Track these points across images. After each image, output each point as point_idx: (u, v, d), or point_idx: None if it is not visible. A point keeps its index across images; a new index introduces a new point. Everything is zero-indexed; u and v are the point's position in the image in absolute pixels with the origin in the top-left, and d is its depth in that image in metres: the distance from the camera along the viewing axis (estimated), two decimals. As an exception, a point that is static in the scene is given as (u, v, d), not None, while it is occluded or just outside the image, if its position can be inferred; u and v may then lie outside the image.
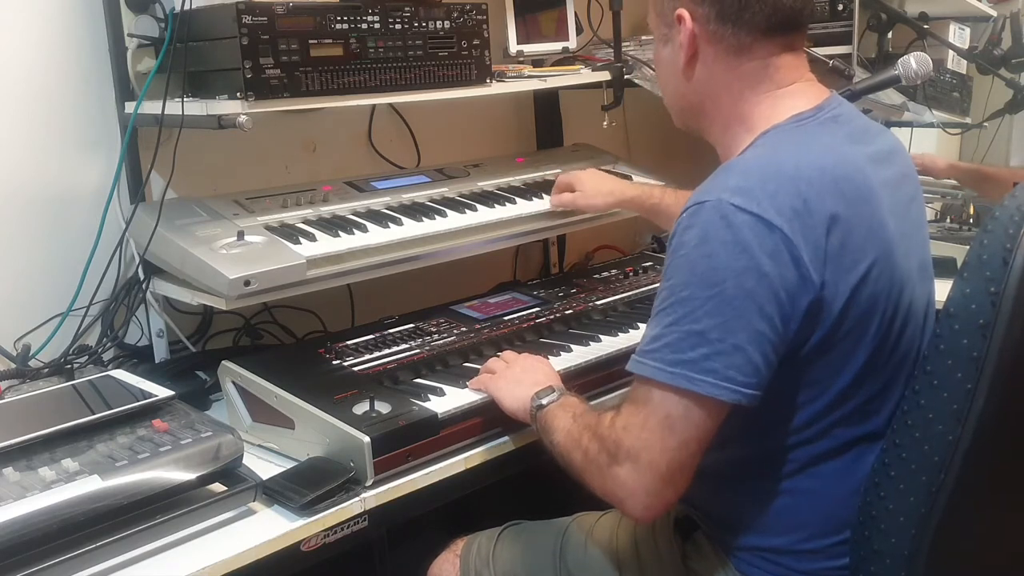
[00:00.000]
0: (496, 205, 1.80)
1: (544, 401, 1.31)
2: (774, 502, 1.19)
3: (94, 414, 1.26)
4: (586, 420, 1.21)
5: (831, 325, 1.08)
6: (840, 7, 2.21)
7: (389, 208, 1.72)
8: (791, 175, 1.08)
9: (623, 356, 1.57)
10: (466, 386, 1.44)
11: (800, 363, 1.10)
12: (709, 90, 1.22)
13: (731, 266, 1.04)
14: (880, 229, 1.13)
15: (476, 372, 1.47)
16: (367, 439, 1.25)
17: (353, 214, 1.67)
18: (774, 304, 1.04)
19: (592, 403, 1.34)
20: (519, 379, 1.38)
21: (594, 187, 1.83)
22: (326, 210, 1.67)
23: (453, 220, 1.70)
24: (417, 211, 1.70)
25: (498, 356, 1.50)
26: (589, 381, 1.52)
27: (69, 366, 1.61)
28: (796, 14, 1.18)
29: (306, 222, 1.61)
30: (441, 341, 1.62)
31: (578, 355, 1.58)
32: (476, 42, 1.71)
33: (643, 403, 1.09)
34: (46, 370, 1.59)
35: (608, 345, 1.62)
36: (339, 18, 1.52)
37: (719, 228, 1.05)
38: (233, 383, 1.47)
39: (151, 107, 1.52)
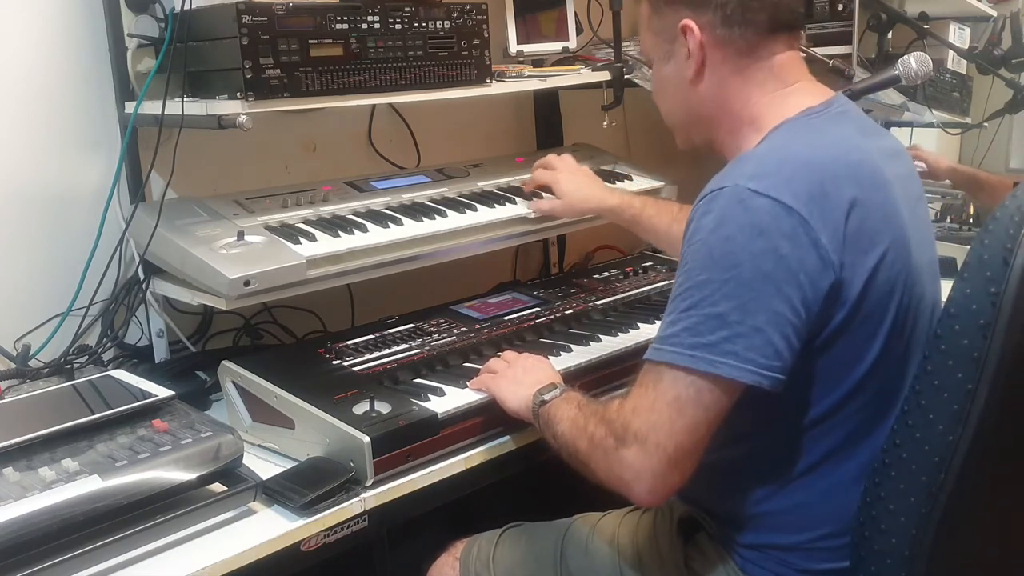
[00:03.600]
0: (496, 205, 1.79)
1: (547, 397, 1.31)
2: (790, 499, 1.18)
3: (94, 414, 1.26)
4: (592, 408, 1.21)
5: (851, 308, 1.09)
6: (840, 7, 2.20)
7: (389, 208, 1.72)
8: (806, 161, 1.10)
9: (623, 356, 1.59)
10: (466, 386, 1.44)
11: (817, 351, 1.10)
12: (718, 96, 1.24)
13: (748, 248, 1.04)
14: (895, 216, 1.15)
15: (476, 372, 1.47)
16: (367, 439, 1.25)
17: (353, 214, 1.66)
18: (794, 286, 1.05)
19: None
20: (520, 379, 1.38)
21: (573, 193, 1.76)
22: (326, 210, 1.67)
23: (453, 220, 1.70)
24: (417, 211, 1.70)
25: (499, 356, 1.50)
26: (589, 381, 1.51)
27: (69, 366, 1.60)
28: (795, 14, 1.23)
29: (306, 222, 1.61)
30: (441, 341, 1.62)
31: (578, 355, 1.58)
32: (476, 42, 1.70)
33: (652, 385, 1.09)
34: (46, 370, 1.59)
35: (608, 345, 1.62)
36: (339, 18, 1.51)
37: (736, 212, 1.06)
38: (233, 383, 1.47)
39: (151, 107, 1.52)
